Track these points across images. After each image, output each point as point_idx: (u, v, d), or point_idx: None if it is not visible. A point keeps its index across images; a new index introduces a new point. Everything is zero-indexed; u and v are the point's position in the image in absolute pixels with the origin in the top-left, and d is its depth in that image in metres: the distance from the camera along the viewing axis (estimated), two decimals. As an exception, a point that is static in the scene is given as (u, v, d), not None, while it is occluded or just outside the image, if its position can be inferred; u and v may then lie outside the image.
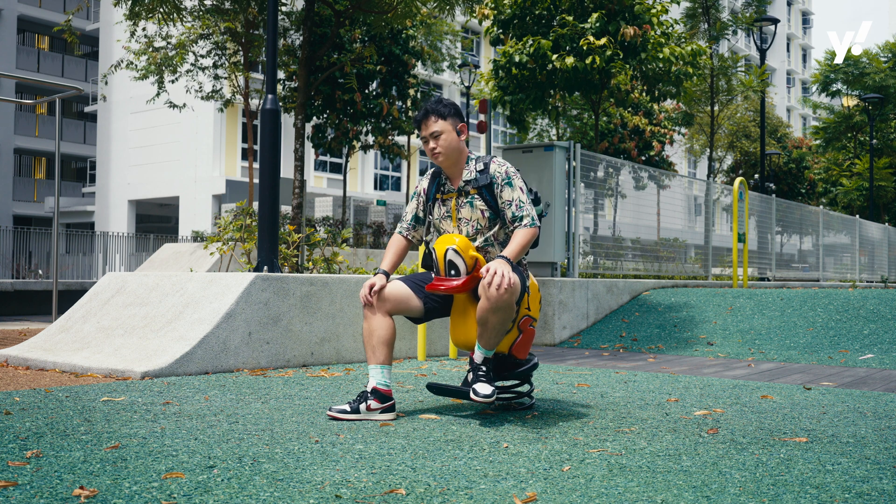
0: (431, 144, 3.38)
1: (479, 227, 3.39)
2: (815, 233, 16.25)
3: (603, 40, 9.41)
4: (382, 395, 3.24)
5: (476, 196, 3.39)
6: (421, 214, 3.55)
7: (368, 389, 3.25)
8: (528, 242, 3.29)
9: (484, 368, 3.25)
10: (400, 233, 3.56)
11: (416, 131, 3.58)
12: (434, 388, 3.46)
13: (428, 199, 3.52)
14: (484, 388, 3.18)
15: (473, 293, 3.32)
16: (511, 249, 3.24)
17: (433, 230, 3.54)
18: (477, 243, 3.38)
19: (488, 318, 3.14)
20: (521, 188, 3.38)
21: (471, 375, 3.28)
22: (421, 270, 3.61)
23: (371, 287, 3.28)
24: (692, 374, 5.09)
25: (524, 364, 3.48)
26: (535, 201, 3.52)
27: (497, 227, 3.39)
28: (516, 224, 3.33)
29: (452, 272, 3.23)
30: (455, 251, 3.22)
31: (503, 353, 3.41)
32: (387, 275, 3.36)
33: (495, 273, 3.07)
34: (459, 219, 3.41)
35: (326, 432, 2.93)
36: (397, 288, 3.32)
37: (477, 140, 36.25)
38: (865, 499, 2.15)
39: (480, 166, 3.41)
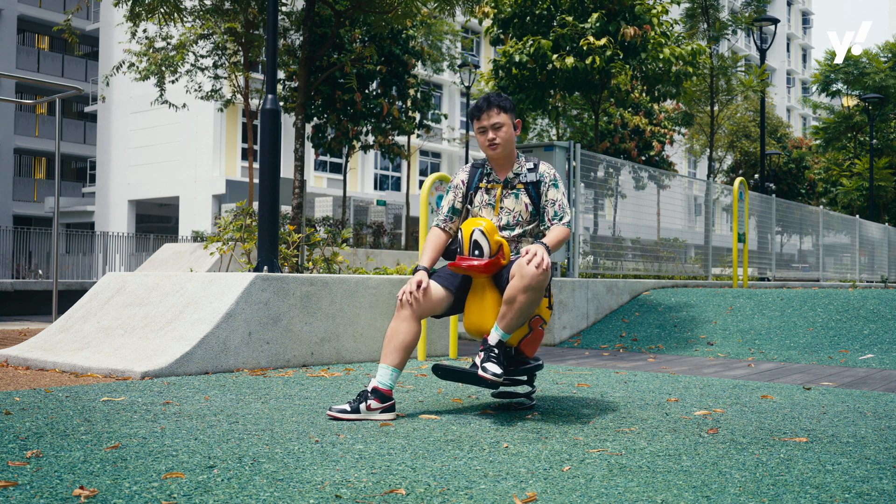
0: (491, 135, 3.46)
1: (519, 219, 3.47)
2: (815, 233, 16.25)
3: (603, 40, 9.42)
4: (382, 395, 3.24)
5: (522, 190, 3.48)
6: (458, 206, 3.58)
7: (369, 389, 3.24)
8: (563, 239, 3.41)
9: (496, 350, 3.26)
10: (437, 225, 3.58)
11: (471, 120, 3.60)
12: (440, 371, 3.42)
13: (468, 188, 3.57)
14: (494, 368, 3.20)
15: (493, 278, 3.37)
16: (550, 239, 3.35)
17: (469, 218, 3.57)
18: (514, 233, 3.46)
19: (517, 298, 3.16)
20: (563, 193, 3.52)
21: (480, 356, 3.27)
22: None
23: (419, 284, 3.29)
24: (692, 374, 5.09)
25: (530, 363, 3.50)
26: None
27: (535, 223, 3.49)
28: (555, 222, 3.44)
29: (476, 252, 3.29)
30: (481, 232, 3.30)
31: (512, 347, 3.43)
32: (427, 271, 3.39)
33: (535, 253, 3.15)
34: (502, 207, 3.48)
35: (326, 432, 2.93)
36: (437, 291, 3.35)
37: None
38: (865, 499, 2.15)
39: (531, 164, 3.53)
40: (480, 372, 3.20)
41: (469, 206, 3.57)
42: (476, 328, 3.41)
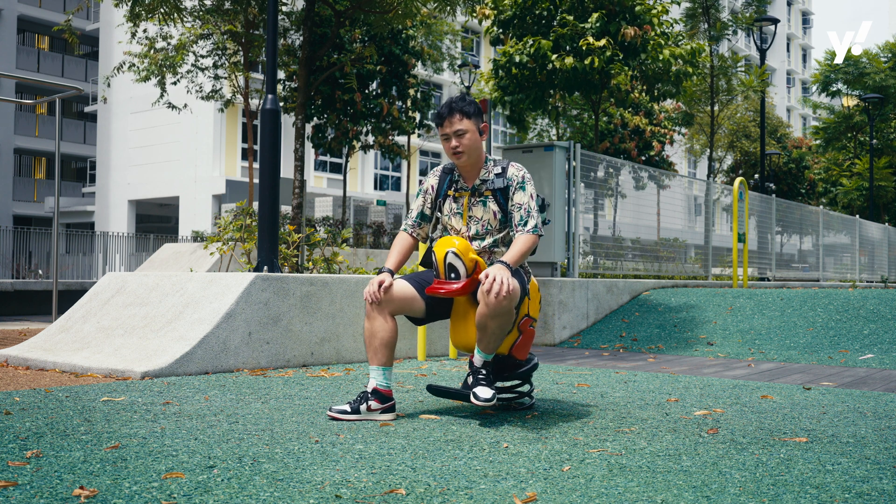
0: (454, 142, 3.36)
1: (489, 227, 3.40)
2: (815, 233, 16.26)
3: (602, 41, 9.42)
4: (383, 396, 3.23)
5: (490, 197, 3.40)
6: (427, 211, 3.52)
7: (369, 390, 3.24)
8: (528, 249, 3.30)
9: (484, 372, 3.25)
10: (405, 230, 3.53)
11: (435, 127, 3.53)
12: (434, 390, 3.46)
13: (438, 195, 3.50)
14: (484, 392, 3.18)
15: (473, 296, 3.31)
16: (511, 255, 3.24)
17: (440, 227, 3.52)
18: (485, 243, 3.39)
19: (487, 324, 3.13)
20: (531, 195, 3.40)
21: (471, 378, 3.28)
22: (421, 269, 3.61)
23: (380, 284, 3.23)
24: (692, 374, 5.09)
25: (524, 364, 3.48)
26: (542, 208, 3.54)
27: (507, 230, 3.41)
28: (520, 229, 3.34)
29: (452, 275, 3.23)
30: (455, 254, 3.21)
31: (503, 354, 3.41)
32: (392, 273, 3.32)
33: (494, 280, 3.05)
34: (470, 216, 3.41)
35: (326, 432, 2.93)
36: (403, 288, 3.30)
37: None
38: (865, 499, 2.15)
39: (498, 169, 3.42)
40: (472, 398, 3.18)
41: (439, 214, 3.50)
42: (463, 345, 3.40)
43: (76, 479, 2.20)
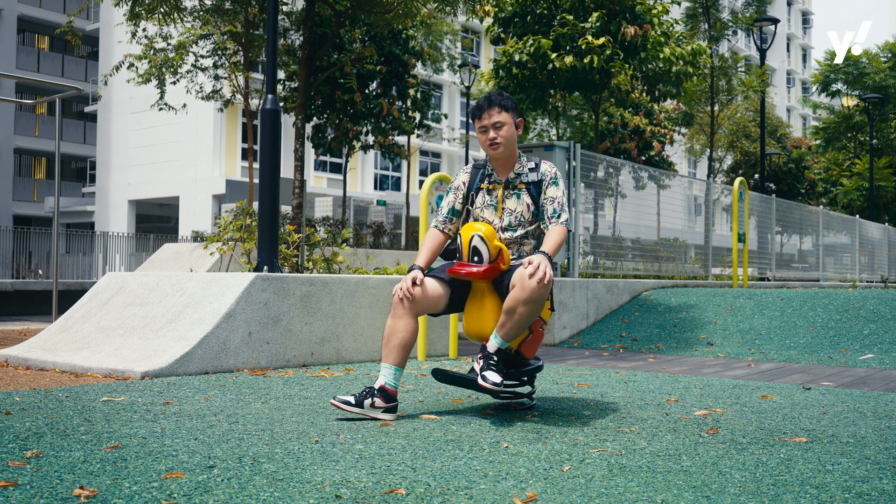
0: (492, 134, 3.43)
1: (521, 219, 3.46)
2: (814, 233, 16.26)
3: (602, 40, 9.41)
4: (388, 395, 3.23)
5: (524, 190, 3.46)
6: (458, 207, 3.56)
7: (376, 387, 3.24)
8: (562, 241, 3.38)
9: (496, 358, 3.25)
10: (435, 227, 3.55)
11: (473, 119, 3.56)
12: (439, 375, 3.41)
13: (470, 189, 3.55)
14: (493, 376, 3.19)
15: (493, 283, 3.34)
16: (549, 246, 3.31)
17: (471, 219, 3.54)
18: (517, 234, 3.45)
19: (517, 309, 3.15)
20: (563, 191, 3.50)
21: (479, 363, 3.26)
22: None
23: (414, 280, 3.25)
24: (692, 374, 5.09)
25: (530, 364, 3.49)
26: None
27: (538, 223, 3.48)
28: (554, 220, 3.41)
29: (476, 258, 3.26)
30: (480, 238, 3.26)
31: (512, 350, 3.42)
32: (422, 271, 3.35)
33: (538, 266, 3.11)
34: (504, 208, 3.47)
35: (326, 432, 2.93)
36: (433, 288, 3.31)
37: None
38: (865, 499, 2.14)
39: (532, 164, 3.51)
40: (480, 381, 3.18)
41: (470, 208, 3.55)
42: (476, 333, 3.40)
43: (76, 479, 2.20)
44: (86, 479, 2.20)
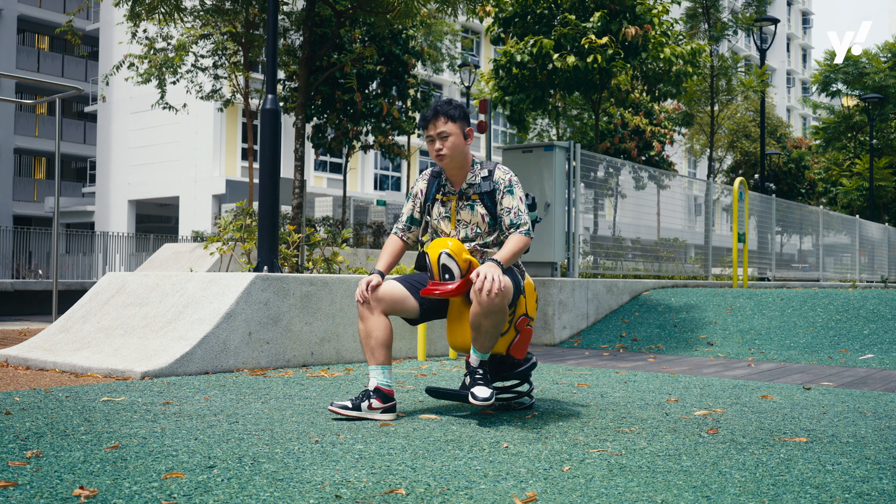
0: (437, 145, 3.38)
1: (478, 230, 3.41)
2: (815, 233, 16.26)
3: (605, 39, 9.42)
4: (385, 395, 3.23)
5: (477, 201, 3.41)
6: (417, 216, 3.55)
7: (371, 389, 3.24)
8: (520, 250, 3.31)
9: (481, 371, 3.25)
10: (395, 234, 3.55)
11: (421, 130, 3.53)
12: (433, 392, 3.46)
13: (426, 199, 3.52)
14: (482, 392, 3.18)
15: (468, 296, 3.31)
16: (503, 254, 3.24)
17: (430, 230, 3.54)
18: (473, 245, 3.40)
19: (481, 322, 3.14)
20: (520, 198, 3.42)
21: (468, 379, 3.28)
22: (412, 271, 3.61)
23: (367, 283, 3.26)
24: (692, 374, 5.09)
25: (523, 364, 3.48)
26: (532, 207, 3.56)
27: (497, 232, 3.43)
28: (512, 231, 3.35)
29: (447, 276, 3.24)
30: (448, 255, 3.23)
31: (501, 353, 3.41)
32: (382, 275, 3.34)
33: (486, 277, 3.06)
34: (459, 220, 3.43)
35: (326, 432, 2.93)
36: (393, 287, 3.32)
37: (477, 139, 36.25)
38: (865, 499, 2.15)
39: (485, 172, 3.44)
40: (471, 399, 3.19)
41: (428, 217, 3.52)
42: (459, 345, 3.40)
43: (76, 479, 2.20)
44: (86, 479, 2.20)
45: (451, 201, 3.45)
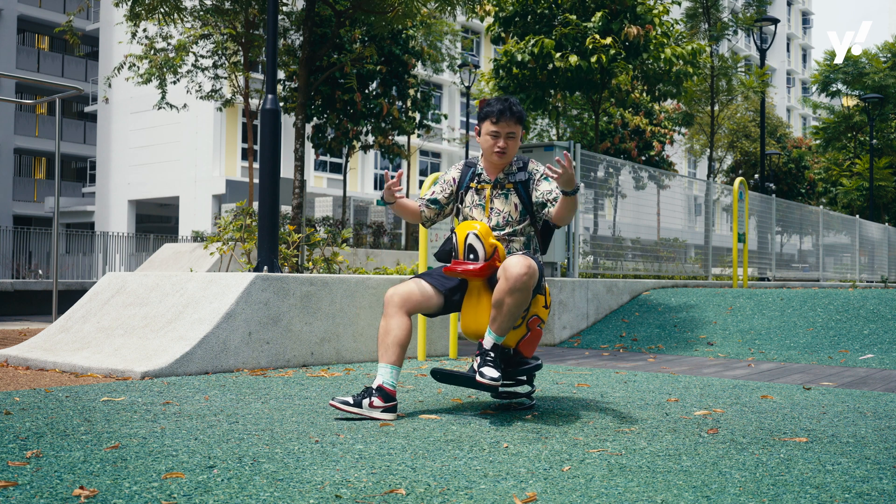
0: (503, 143, 3.48)
1: (509, 219, 3.50)
2: (815, 233, 16.26)
3: (608, 39, 9.42)
4: (387, 395, 3.24)
5: (512, 190, 3.52)
6: (441, 199, 3.63)
7: (374, 386, 3.25)
8: (572, 209, 3.40)
9: (492, 354, 3.27)
10: (417, 201, 3.67)
11: (487, 120, 3.52)
12: (438, 375, 3.44)
13: (460, 187, 3.62)
14: (491, 372, 3.21)
15: (488, 281, 3.37)
16: (553, 213, 3.41)
17: (461, 218, 3.62)
18: (503, 233, 3.49)
19: (504, 300, 3.18)
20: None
21: (477, 361, 3.28)
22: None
23: (386, 179, 3.40)
24: (692, 374, 5.09)
25: (529, 363, 3.50)
26: None
27: (526, 222, 3.52)
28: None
29: (471, 256, 3.31)
30: (476, 236, 3.31)
31: (510, 348, 3.43)
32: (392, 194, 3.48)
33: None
34: (492, 208, 3.52)
35: (326, 432, 2.93)
36: (423, 289, 3.38)
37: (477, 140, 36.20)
38: (865, 499, 2.15)
39: (520, 164, 3.57)
40: (478, 377, 3.21)
41: (459, 206, 3.62)
42: (473, 331, 3.43)
43: (76, 479, 2.20)
44: (86, 479, 2.20)
45: (486, 189, 3.55)
